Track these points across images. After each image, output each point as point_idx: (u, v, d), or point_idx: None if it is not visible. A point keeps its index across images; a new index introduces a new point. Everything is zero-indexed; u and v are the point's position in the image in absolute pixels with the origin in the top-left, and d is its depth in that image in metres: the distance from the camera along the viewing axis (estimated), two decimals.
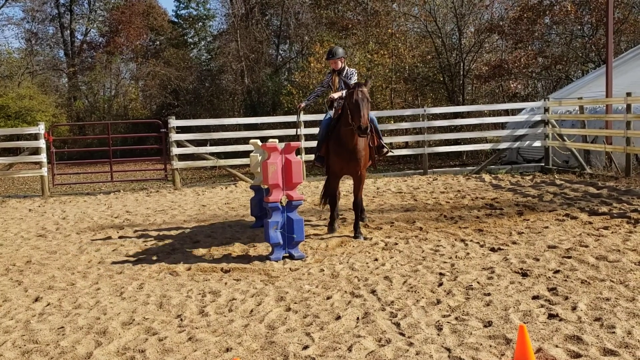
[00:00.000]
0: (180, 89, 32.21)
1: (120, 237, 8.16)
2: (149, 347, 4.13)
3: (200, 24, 36.31)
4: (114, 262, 6.71)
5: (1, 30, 54.42)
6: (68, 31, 36.81)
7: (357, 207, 7.61)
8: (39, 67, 35.57)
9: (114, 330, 4.46)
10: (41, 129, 13.12)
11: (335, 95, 7.65)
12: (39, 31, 37.44)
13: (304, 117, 12.98)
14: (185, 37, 36.53)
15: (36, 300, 5.37)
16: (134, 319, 4.72)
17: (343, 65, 7.80)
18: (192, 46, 36.78)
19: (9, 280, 6.10)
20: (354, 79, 7.63)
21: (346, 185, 12.02)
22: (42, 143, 13.17)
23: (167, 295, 5.30)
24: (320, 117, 11.27)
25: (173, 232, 8.35)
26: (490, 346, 3.88)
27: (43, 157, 13.25)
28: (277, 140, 7.93)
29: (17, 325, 4.70)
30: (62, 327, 4.59)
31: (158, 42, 37.34)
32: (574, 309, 4.45)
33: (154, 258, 6.82)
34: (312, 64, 21.26)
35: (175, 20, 36.89)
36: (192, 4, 35.96)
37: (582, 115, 13.16)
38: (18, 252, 7.45)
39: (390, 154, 8.42)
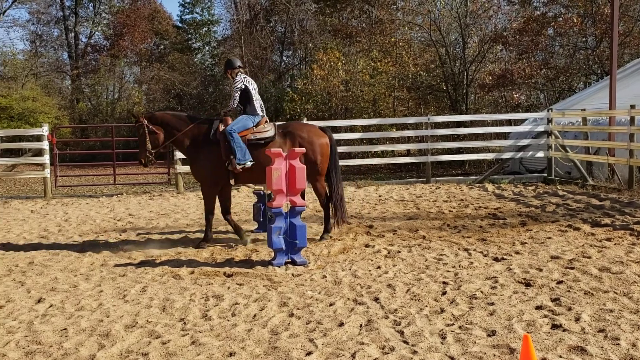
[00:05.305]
0: (184, 93, 32.26)
1: (123, 240, 8.17)
2: (152, 351, 4.12)
3: (204, 29, 36.40)
4: (116, 265, 6.71)
5: (7, 32, 54.58)
6: (72, 34, 36.94)
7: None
8: (42, 69, 35.67)
9: (117, 333, 4.46)
10: (45, 130, 13.14)
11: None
12: (43, 33, 37.61)
13: None
14: (190, 42, 36.63)
15: (39, 301, 5.37)
16: (137, 322, 4.72)
17: (232, 76, 7.69)
18: (196, 51, 36.84)
19: (12, 281, 6.11)
20: (235, 86, 7.56)
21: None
22: (45, 144, 13.19)
23: (170, 299, 5.30)
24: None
25: (176, 236, 8.35)
26: (494, 355, 3.87)
27: (46, 158, 13.27)
28: None
29: (21, 326, 4.70)
30: (65, 329, 4.58)
31: (162, 47, 37.42)
32: (577, 319, 4.44)
33: (157, 261, 6.82)
34: (315, 71, 21.30)
35: (180, 25, 37.00)
36: (197, 9, 36.10)
37: (585, 127, 13.16)
38: (20, 253, 7.46)
39: (234, 170, 7.51)
